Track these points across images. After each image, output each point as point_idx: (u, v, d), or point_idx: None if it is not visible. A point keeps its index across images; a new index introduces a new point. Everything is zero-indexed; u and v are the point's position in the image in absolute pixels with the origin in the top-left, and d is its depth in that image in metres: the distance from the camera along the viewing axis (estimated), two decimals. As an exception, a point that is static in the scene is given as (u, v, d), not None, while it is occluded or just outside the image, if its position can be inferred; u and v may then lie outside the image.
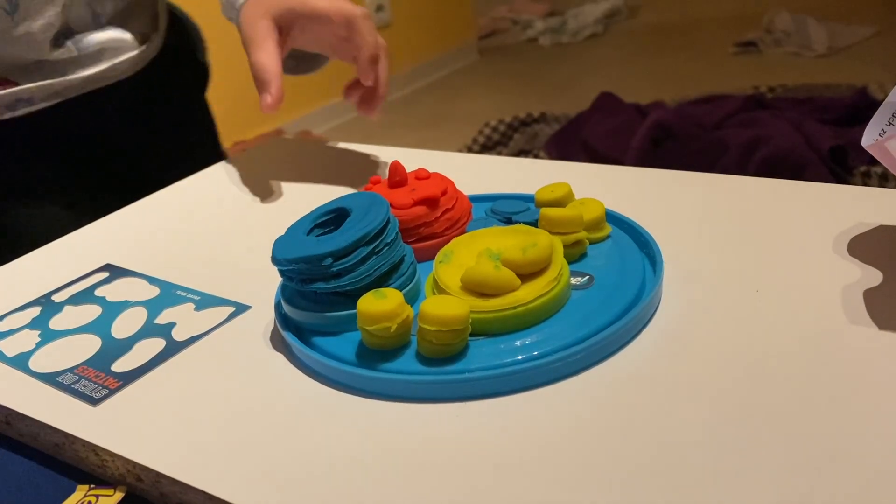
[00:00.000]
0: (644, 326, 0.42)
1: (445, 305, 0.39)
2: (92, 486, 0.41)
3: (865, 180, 1.93)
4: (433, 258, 0.47)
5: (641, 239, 0.47)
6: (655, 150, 2.22)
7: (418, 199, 0.50)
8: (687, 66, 3.14)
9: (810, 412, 0.35)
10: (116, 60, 0.77)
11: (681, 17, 3.85)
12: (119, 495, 0.40)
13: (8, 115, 0.73)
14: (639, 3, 4.17)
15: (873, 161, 1.97)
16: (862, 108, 2.26)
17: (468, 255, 0.45)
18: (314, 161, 0.74)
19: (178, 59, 0.87)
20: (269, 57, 0.62)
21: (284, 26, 0.65)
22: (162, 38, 0.83)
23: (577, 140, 2.38)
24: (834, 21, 3.22)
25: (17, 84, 0.72)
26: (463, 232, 0.50)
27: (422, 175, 0.52)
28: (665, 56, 3.32)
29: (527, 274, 0.42)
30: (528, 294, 0.41)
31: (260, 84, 0.62)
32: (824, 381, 0.36)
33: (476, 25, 3.87)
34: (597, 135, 2.36)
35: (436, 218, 0.50)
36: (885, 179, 1.90)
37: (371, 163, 0.72)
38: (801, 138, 2.08)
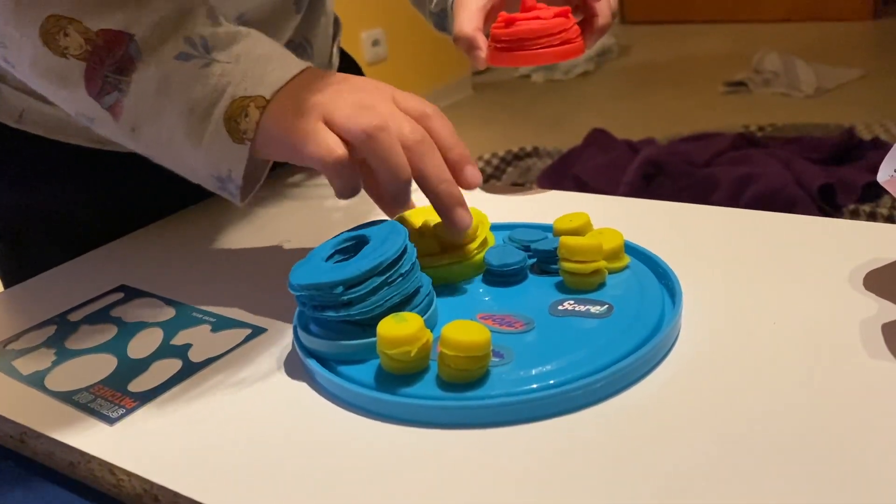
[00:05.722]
0: (664, 357, 0.42)
1: (467, 331, 0.40)
2: None
3: (854, 218, 1.95)
4: (568, 59, 0.62)
5: (660, 270, 0.48)
6: (647, 186, 2.24)
7: (559, 11, 0.62)
8: (677, 105, 3.18)
9: (831, 445, 0.35)
10: None
11: (671, 57, 3.90)
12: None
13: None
14: (630, 42, 4.23)
15: (862, 199, 2.00)
16: (849, 147, 2.29)
17: (419, 221, 0.52)
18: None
19: None
20: (463, 22, 0.63)
21: None
22: None
23: (569, 175, 2.40)
24: (821, 63, 3.28)
25: None
26: (585, 43, 0.64)
27: (540, 6, 0.63)
28: (656, 94, 3.36)
29: (448, 245, 0.50)
30: (439, 259, 0.49)
31: (460, 47, 0.64)
32: (846, 414, 0.37)
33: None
34: (588, 170, 2.38)
35: (571, 27, 0.62)
36: (873, 217, 1.93)
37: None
38: (791, 176, 2.11)
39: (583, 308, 0.45)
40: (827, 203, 2.01)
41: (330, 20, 0.79)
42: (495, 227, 0.56)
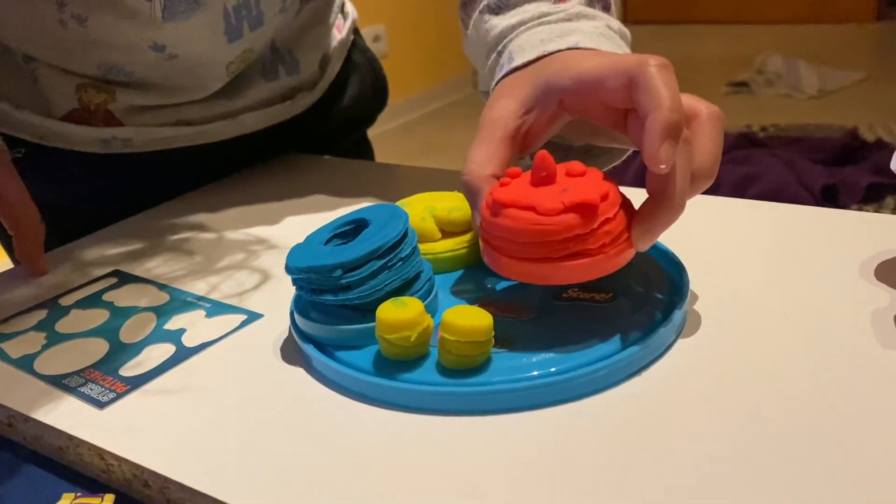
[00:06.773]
0: (670, 346, 0.41)
1: (469, 316, 0.39)
2: (78, 493, 0.39)
3: (857, 220, 1.95)
4: (583, 280, 0.40)
5: (666, 259, 0.47)
6: (648, 185, 2.24)
7: (571, 204, 0.38)
8: (679, 104, 3.17)
9: (842, 437, 0.34)
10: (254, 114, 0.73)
11: (674, 57, 3.84)
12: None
13: (102, 151, 0.69)
14: (632, 42, 4.23)
15: (865, 200, 2.00)
16: (852, 148, 2.29)
17: (420, 207, 0.51)
18: (334, 176, 0.73)
19: (342, 99, 0.83)
20: (472, 157, 0.46)
21: (542, 107, 0.45)
22: (322, 90, 0.79)
23: (570, 173, 2.39)
24: (824, 65, 3.28)
25: (120, 124, 0.68)
26: (625, 250, 0.40)
27: (574, 171, 0.40)
28: (658, 94, 3.36)
29: (449, 231, 0.50)
30: (440, 246, 0.49)
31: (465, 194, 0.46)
32: (858, 405, 0.36)
33: (471, 58, 3.90)
34: (590, 168, 2.38)
35: (591, 230, 0.39)
36: (875, 220, 1.93)
37: (394, 179, 0.71)
38: (793, 176, 2.10)
39: (587, 296, 0.44)
40: (829, 203, 2.01)
41: (327, 31, 0.78)
42: None
